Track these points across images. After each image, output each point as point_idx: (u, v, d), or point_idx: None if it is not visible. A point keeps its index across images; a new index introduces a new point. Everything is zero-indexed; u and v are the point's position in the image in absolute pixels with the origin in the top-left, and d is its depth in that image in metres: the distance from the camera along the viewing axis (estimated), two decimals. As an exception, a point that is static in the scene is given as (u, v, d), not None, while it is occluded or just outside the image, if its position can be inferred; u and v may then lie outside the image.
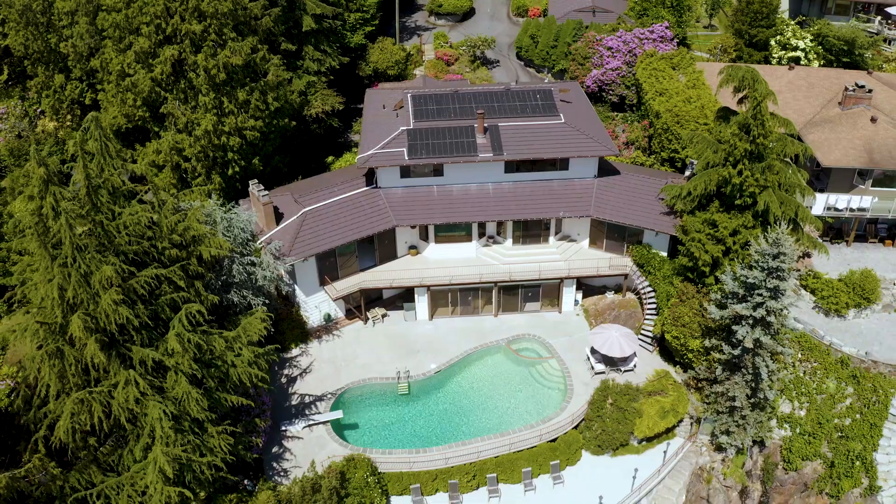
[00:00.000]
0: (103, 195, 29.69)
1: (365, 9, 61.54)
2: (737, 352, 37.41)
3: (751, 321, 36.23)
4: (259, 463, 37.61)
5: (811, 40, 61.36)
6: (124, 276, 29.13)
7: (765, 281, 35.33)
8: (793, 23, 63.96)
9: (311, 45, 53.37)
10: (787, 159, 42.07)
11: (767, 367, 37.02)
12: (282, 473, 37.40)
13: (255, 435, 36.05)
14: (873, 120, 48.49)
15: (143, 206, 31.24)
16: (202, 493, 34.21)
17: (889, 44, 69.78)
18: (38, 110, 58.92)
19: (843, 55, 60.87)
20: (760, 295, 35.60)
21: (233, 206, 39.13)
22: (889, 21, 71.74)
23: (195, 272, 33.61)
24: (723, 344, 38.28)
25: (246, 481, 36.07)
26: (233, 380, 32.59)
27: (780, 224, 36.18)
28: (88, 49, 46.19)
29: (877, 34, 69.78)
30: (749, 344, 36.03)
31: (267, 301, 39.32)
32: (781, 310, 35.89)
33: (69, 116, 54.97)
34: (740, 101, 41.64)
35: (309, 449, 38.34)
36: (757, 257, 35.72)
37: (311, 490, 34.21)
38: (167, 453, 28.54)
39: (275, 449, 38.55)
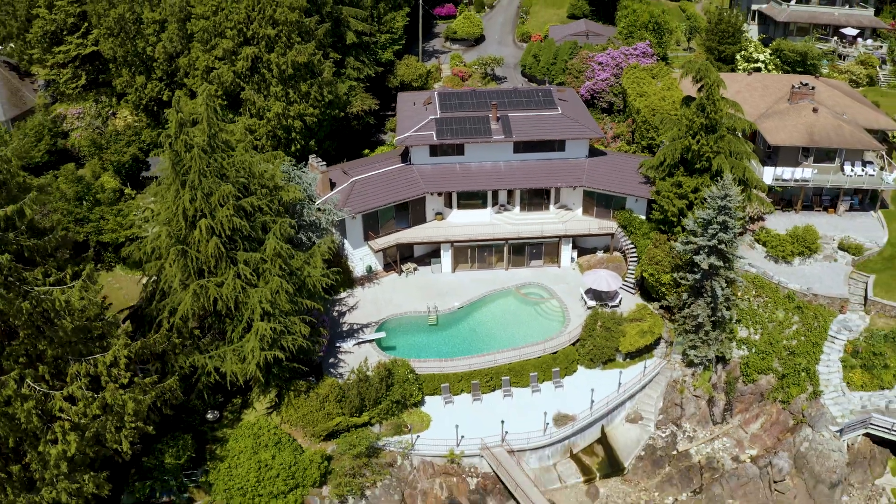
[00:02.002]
0: (217, 142, 40.25)
1: (394, 31, 73.22)
2: (697, 276, 47.36)
3: (706, 250, 46.26)
4: (319, 368, 47.32)
5: (770, 54, 72.64)
6: (235, 198, 39.52)
7: (715, 217, 45.50)
8: (755, 40, 75.35)
9: (352, 56, 64.80)
10: (738, 133, 52.63)
11: (722, 287, 46.89)
12: (338, 376, 47.05)
13: (319, 339, 45.84)
14: (815, 110, 59.18)
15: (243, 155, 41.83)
16: (274, 389, 44.03)
17: (843, 59, 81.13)
18: (111, 112, 69.74)
19: (797, 66, 72.06)
20: (713, 228, 45.71)
21: (302, 166, 49.61)
22: (843, 40, 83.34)
23: (277, 210, 43.98)
24: (687, 274, 48.24)
25: (310, 378, 45.74)
26: (308, 287, 42.63)
27: (726, 174, 46.46)
28: (175, 50, 57.28)
29: (833, 52, 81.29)
30: (705, 266, 46.03)
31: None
32: (731, 240, 45.93)
33: (144, 113, 65.72)
34: (699, 90, 52.34)
35: (358, 360, 47.87)
36: (709, 200, 45.97)
37: (365, 379, 43.96)
38: (265, 326, 38.51)
39: (331, 360, 48.31)
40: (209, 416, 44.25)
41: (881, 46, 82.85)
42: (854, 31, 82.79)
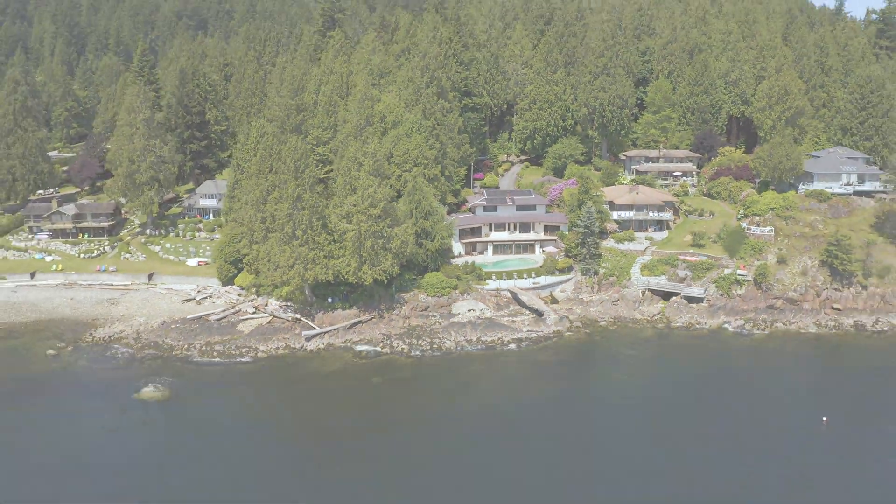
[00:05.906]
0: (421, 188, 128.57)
1: (459, 175, 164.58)
2: (582, 238, 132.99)
3: (583, 227, 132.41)
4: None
5: (630, 180, 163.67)
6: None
7: (587, 218, 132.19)
8: (627, 177, 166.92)
9: (447, 179, 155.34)
10: (600, 197, 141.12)
11: (591, 244, 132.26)
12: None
13: (450, 254, 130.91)
14: (637, 193, 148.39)
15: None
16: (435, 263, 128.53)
17: (673, 185, 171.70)
18: None
19: (643, 184, 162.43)
20: (585, 221, 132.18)
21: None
22: (674, 178, 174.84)
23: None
24: (580, 238, 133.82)
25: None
26: (446, 233, 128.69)
27: (588, 205, 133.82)
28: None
29: (668, 183, 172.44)
30: (583, 231, 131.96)
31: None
32: (592, 223, 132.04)
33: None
34: (582, 183, 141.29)
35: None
36: (584, 214, 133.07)
37: (465, 263, 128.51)
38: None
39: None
40: (412, 277, 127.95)
41: (694, 178, 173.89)
42: (679, 173, 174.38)
